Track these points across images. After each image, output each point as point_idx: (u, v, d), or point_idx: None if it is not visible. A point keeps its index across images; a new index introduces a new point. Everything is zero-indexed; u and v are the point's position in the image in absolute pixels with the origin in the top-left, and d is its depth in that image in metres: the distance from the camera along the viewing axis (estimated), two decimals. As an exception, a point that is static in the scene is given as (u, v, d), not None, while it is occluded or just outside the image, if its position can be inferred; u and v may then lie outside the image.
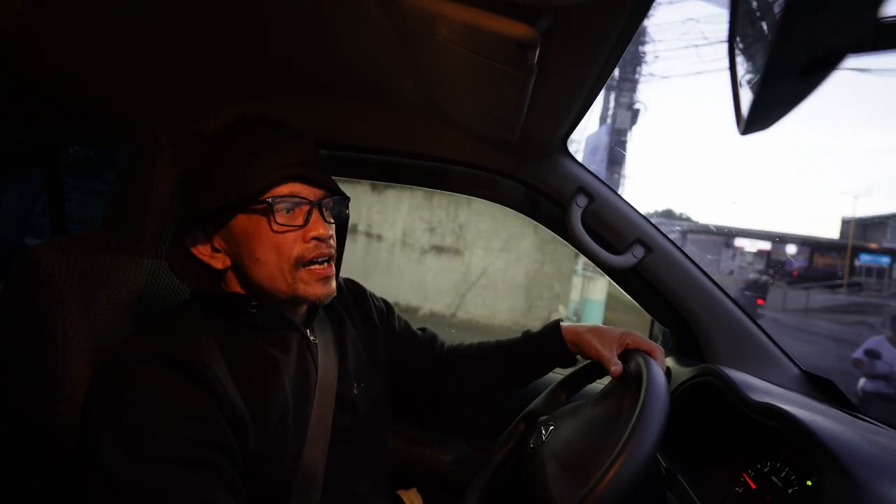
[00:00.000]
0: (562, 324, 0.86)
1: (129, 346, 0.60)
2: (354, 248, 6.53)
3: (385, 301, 0.93)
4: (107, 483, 0.53)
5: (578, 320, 6.17)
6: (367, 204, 6.53)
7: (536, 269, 6.52)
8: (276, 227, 0.64)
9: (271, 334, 0.69)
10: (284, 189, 0.64)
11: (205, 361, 0.59)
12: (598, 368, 0.85)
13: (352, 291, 0.89)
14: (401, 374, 0.88)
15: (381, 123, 1.02)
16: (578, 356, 0.86)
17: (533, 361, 0.87)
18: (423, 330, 0.96)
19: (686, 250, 0.96)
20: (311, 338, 0.74)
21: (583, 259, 6.07)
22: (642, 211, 0.98)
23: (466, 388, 0.91)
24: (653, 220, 0.97)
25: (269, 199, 0.63)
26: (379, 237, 6.62)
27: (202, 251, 0.66)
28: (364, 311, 0.87)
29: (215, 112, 0.99)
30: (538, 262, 6.52)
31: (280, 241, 0.64)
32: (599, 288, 6.31)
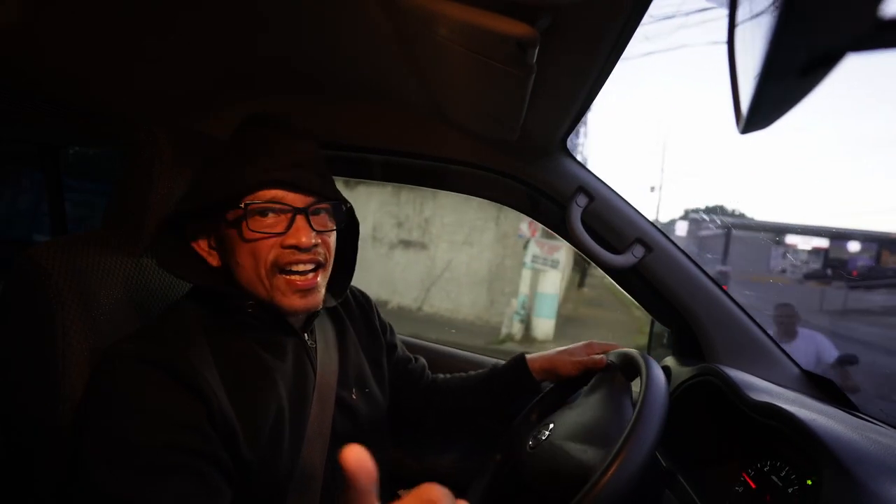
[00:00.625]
0: (527, 355, 0.90)
1: (120, 347, 0.59)
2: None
3: (389, 322, 0.95)
4: (85, 483, 0.53)
5: (528, 315, 6.14)
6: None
7: (498, 263, 6.58)
8: (247, 235, 0.63)
9: (267, 338, 0.68)
10: (266, 194, 0.63)
11: (196, 367, 0.58)
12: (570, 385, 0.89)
13: (359, 301, 0.90)
14: (394, 392, 0.90)
15: (381, 123, 1.02)
16: (546, 382, 0.90)
17: (500, 394, 0.91)
18: (416, 359, 0.98)
19: (730, 249, 0.96)
20: (310, 342, 0.73)
21: (532, 251, 5.89)
22: (697, 206, 0.98)
23: (446, 419, 0.94)
24: (702, 217, 0.97)
25: (243, 206, 0.62)
26: (352, 232, 6.81)
27: (201, 245, 0.68)
28: (368, 321, 0.88)
29: (215, 112, 0.99)
30: (500, 256, 6.57)
31: (256, 248, 0.64)
32: (551, 281, 6.11)
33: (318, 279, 0.67)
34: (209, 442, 0.57)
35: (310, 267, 0.66)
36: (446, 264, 6.68)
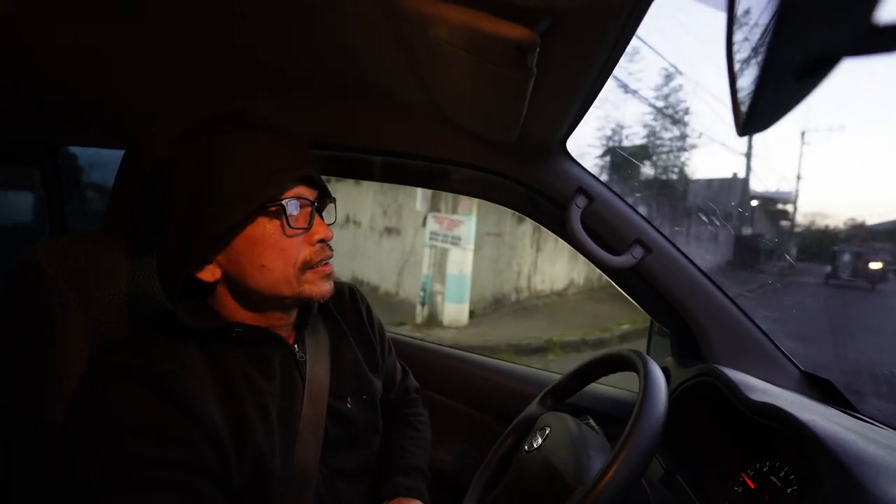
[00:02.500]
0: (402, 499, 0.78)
1: (110, 358, 0.58)
2: (344, 235, 7.11)
3: (381, 323, 0.91)
4: (78, 495, 0.53)
5: (428, 296, 5.84)
6: (348, 194, 7.24)
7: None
8: (289, 231, 0.62)
9: (255, 351, 0.66)
10: (292, 191, 0.63)
11: (186, 381, 0.57)
12: (594, 369, 0.85)
13: (353, 298, 0.87)
14: None
15: (381, 124, 1.02)
16: (549, 398, 0.85)
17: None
18: (405, 372, 0.96)
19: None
20: (299, 354, 0.71)
21: (430, 227, 5.67)
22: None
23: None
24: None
25: (283, 202, 0.61)
26: (357, 223, 7.21)
27: (191, 265, 0.61)
28: (360, 318, 0.86)
29: (214, 112, 0.99)
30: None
31: (287, 245, 0.62)
32: (456, 260, 5.56)
33: (332, 266, 0.68)
34: (203, 457, 0.56)
35: (329, 259, 0.67)
36: (411, 249, 6.65)
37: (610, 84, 0.67)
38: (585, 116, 0.81)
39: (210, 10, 0.66)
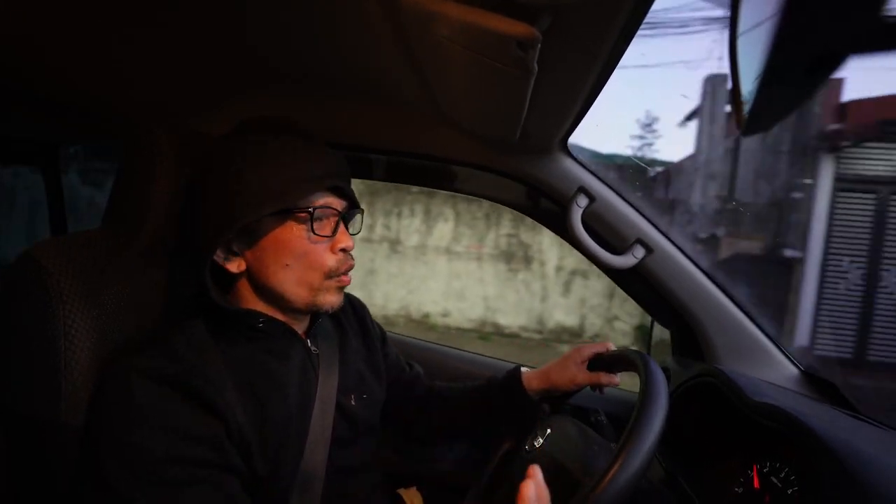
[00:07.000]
0: (523, 370, 0.88)
1: (134, 362, 0.58)
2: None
3: (381, 327, 0.95)
4: (103, 494, 0.53)
5: None
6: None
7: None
8: (313, 238, 0.65)
9: (274, 346, 0.68)
10: (321, 200, 0.66)
11: (214, 384, 0.58)
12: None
13: (354, 305, 0.91)
14: (385, 401, 0.89)
15: (381, 123, 1.02)
16: (546, 402, 0.87)
17: (494, 415, 0.89)
18: (410, 366, 0.98)
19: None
20: (313, 348, 0.74)
21: None
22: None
23: (436, 431, 0.93)
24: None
25: (311, 209, 0.64)
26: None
27: (218, 254, 0.65)
28: (364, 328, 0.90)
29: (215, 112, 0.99)
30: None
31: (310, 251, 0.65)
32: None
33: (349, 279, 0.71)
34: (229, 456, 0.58)
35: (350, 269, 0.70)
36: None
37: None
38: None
39: (211, 8, 0.66)
